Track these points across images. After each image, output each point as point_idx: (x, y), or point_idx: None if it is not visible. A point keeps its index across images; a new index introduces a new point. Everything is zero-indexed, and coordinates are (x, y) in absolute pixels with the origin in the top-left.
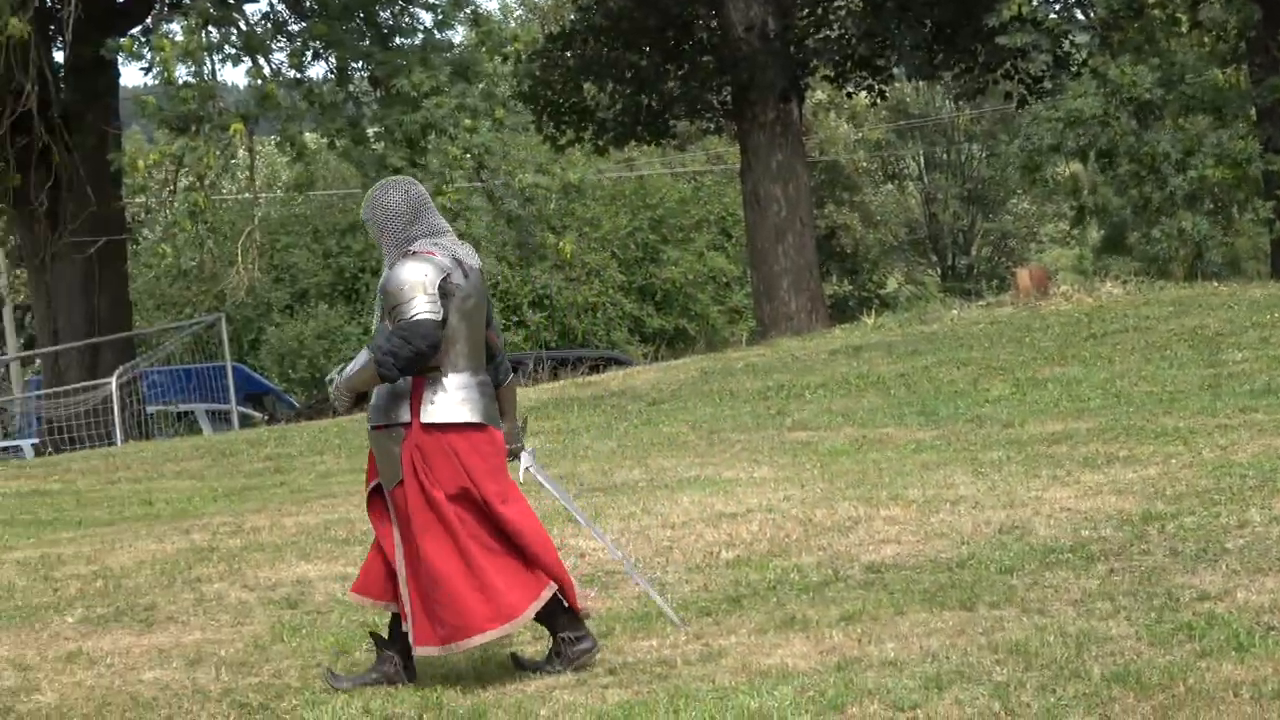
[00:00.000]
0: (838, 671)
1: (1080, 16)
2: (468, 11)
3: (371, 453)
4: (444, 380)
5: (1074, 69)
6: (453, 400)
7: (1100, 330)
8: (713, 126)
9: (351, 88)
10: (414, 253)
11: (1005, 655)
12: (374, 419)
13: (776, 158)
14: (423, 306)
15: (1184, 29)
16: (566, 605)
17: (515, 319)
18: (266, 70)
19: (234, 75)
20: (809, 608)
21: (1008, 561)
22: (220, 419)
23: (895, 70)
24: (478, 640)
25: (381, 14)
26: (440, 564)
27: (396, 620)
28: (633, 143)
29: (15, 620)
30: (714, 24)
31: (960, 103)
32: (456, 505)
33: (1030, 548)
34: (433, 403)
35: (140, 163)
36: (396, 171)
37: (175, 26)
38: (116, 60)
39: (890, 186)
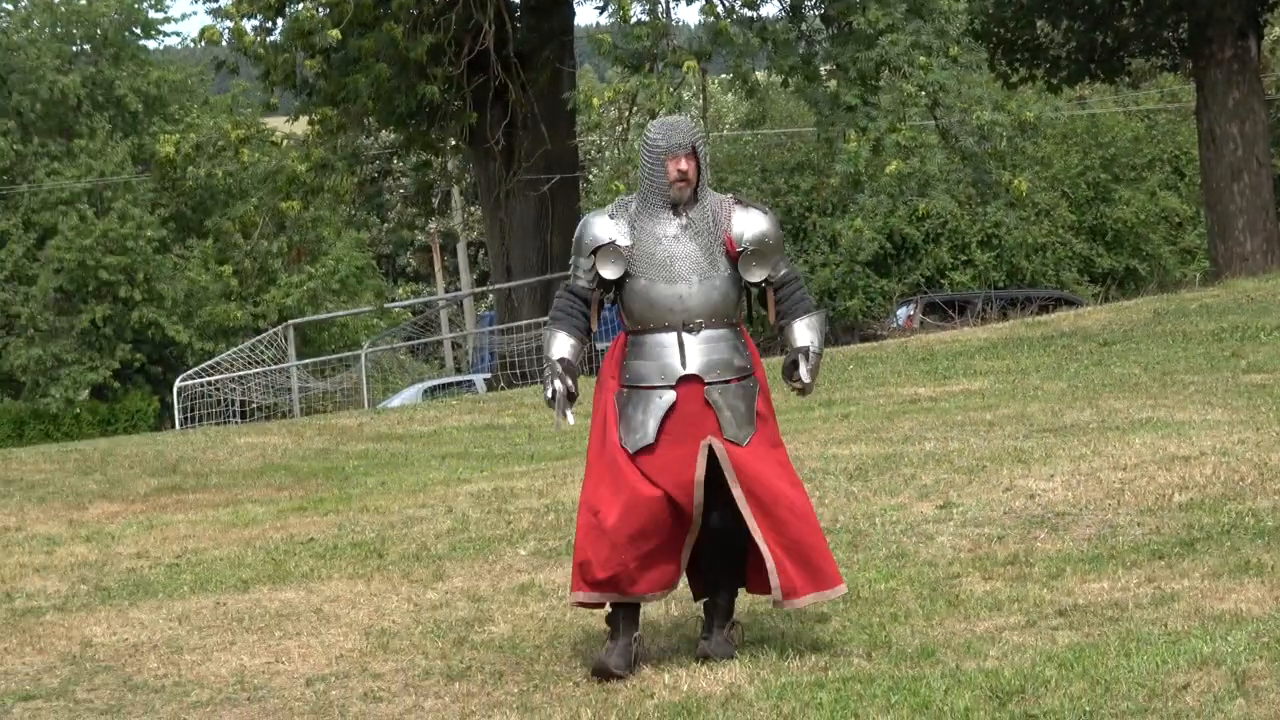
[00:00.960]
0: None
1: None
2: None
3: (681, 408)
4: None
5: None
6: None
7: None
8: (1168, 64)
9: (804, 25)
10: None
11: None
12: (729, 372)
13: (1233, 95)
14: None
15: None
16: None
17: (964, 258)
18: (720, 8)
19: (687, 14)
20: (1264, 552)
21: None
22: None
23: None
24: (839, 592)
25: None
26: (808, 506)
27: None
28: (1086, 80)
29: (469, 552)
30: None
31: None
32: None
33: None
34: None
35: (595, 100)
36: (850, 109)
37: None
38: None
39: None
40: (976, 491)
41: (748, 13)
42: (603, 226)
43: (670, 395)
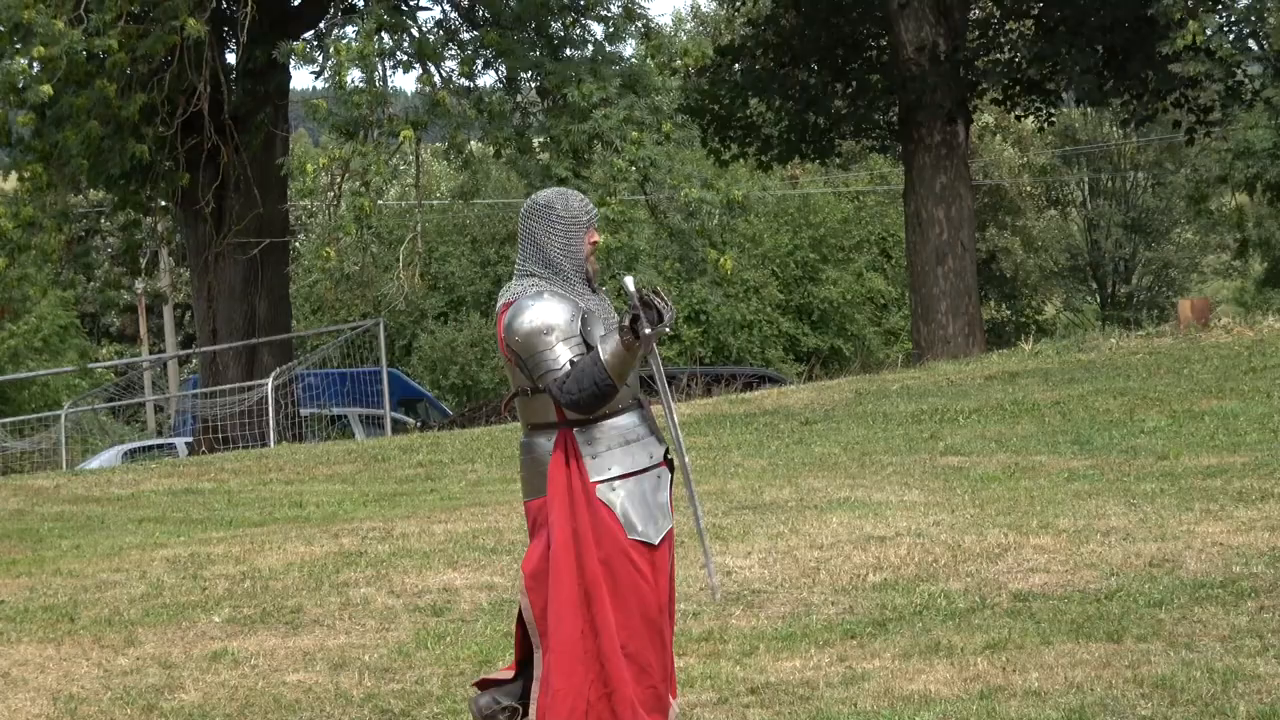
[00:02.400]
0: (980, 700)
1: (1254, 47)
2: (639, 25)
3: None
4: None
5: (1246, 100)
6: None
7: (1260, 364)
8: (878, 146)
9: (520, 97)
10: None
11: (1150, 689)
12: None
13: (941, 179)
14: None
15: None
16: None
17: (670, 333)
18: (437, 78)
19: (404, 82)
20: (954, 634)
21: (1157, 595)
22: (373, 424)
23: (1064, 95)
24: None
25: (553, 25)
26: None
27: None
28: (797, 160)
29: (163, 618)
30: (884, 43)
31: (1128, 130)
32: None
33: (1180, 582)
34: None
35: (310, 166)
36: (561, 182)
37: (349, 31)
38: (289, 63)
39: (1053, 212)
40: (679, 569)
41: (464, 83)
42: (563, 299)
43: (668, 474)
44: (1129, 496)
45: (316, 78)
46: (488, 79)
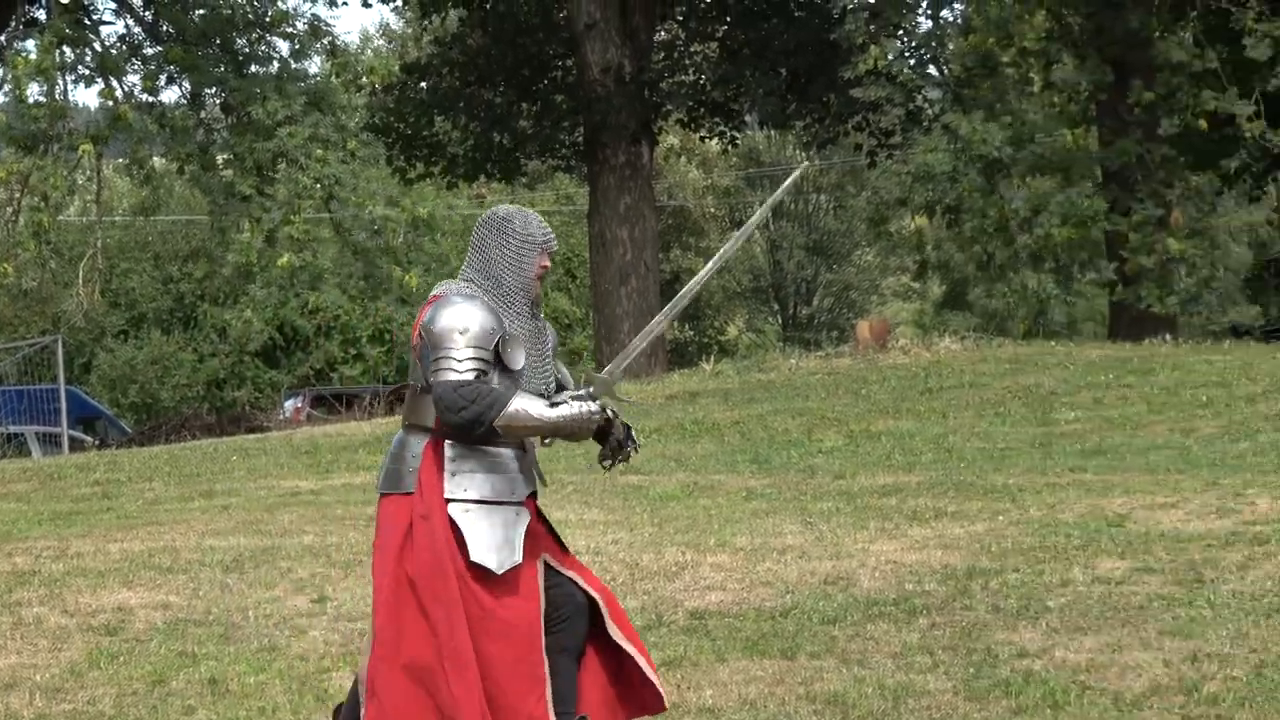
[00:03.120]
0: (654, 718)
1: (934, 72)
2: (325, 42)
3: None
4: None
5: (925, 124)
6: None
7: (936, 385)
8: (563, 166)
9: (204, 113)
10: None
11: (823, 706)
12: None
13: (625, 200)
14: None
15: (1036, 89)
16: None
17: (354, 352)
18: (119, 92)
19: (86, 96)
20: None
21: (831, 612)
22: (50, 442)
23: (747, 117)
24: None
25: (238, 41)
26: None
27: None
28: (483, 179)
29: None
30: (570, 64)
31: (810, 152)
32: None
33: (854, 599)
34: None
35: None
36: (244, 199)
37: (29, 44)
38: None
39: (736, 234)
40: (352, 586)
41: (147, 98)
42: (491, 311)
43: (527, 515)
44: (805, 515)
45: None
46: (171, 94)
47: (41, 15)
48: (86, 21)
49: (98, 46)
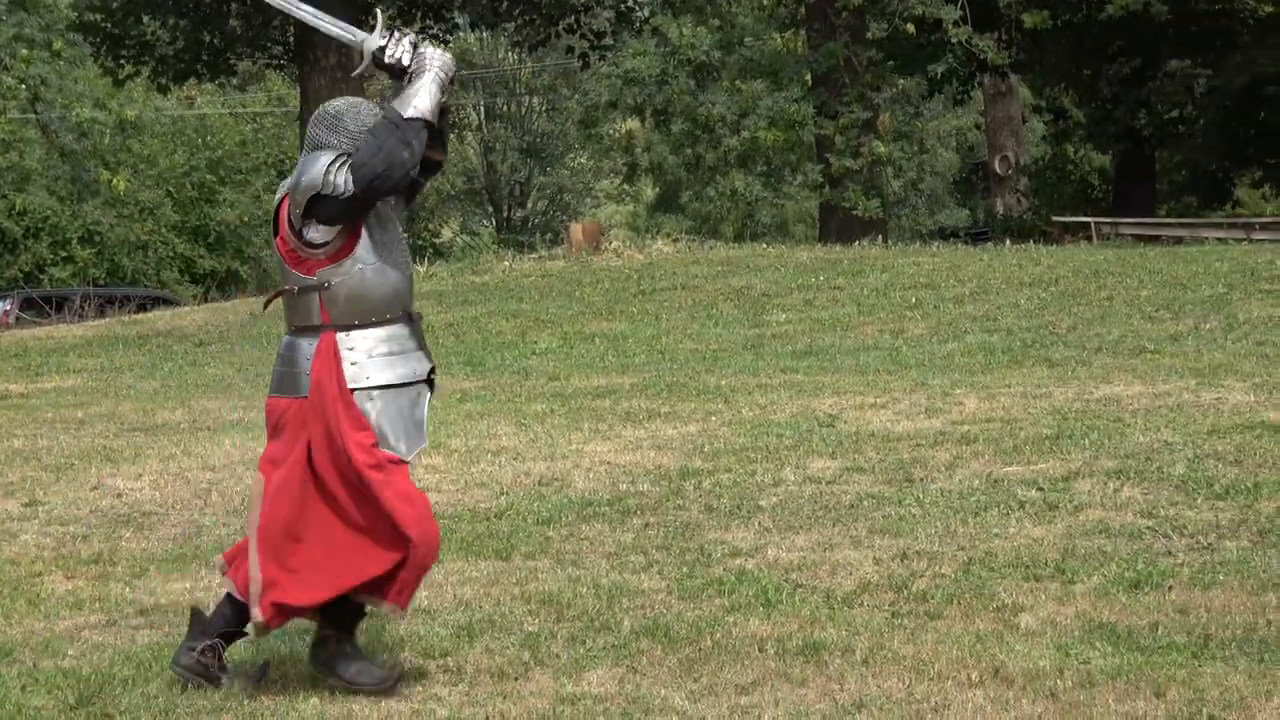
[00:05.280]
0: (371, 619)
1: None
2: None
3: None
4: None
5: (636, 26)
6: None
7: (649, 287)
8: (275, 65)
9: None
10: None
11: (538, 605)
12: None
13: None
14: None
15: None
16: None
17: (64, 254)
18: None
19: None
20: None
21: (545, 513)
22: None
23: (459, 19)
24: None
25: None
26: None
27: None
28: (194, 80)
29: None
30: None
31: (522, 54)
32: None
33: (568, 500)
34: None
35: None
36: None
37: None
38: None
39: (451, 136)
40: (63, 490)
41: None
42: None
43: (428, 392)
44: (520, 417)
45: None
46: None
47: None
48: None
49: None
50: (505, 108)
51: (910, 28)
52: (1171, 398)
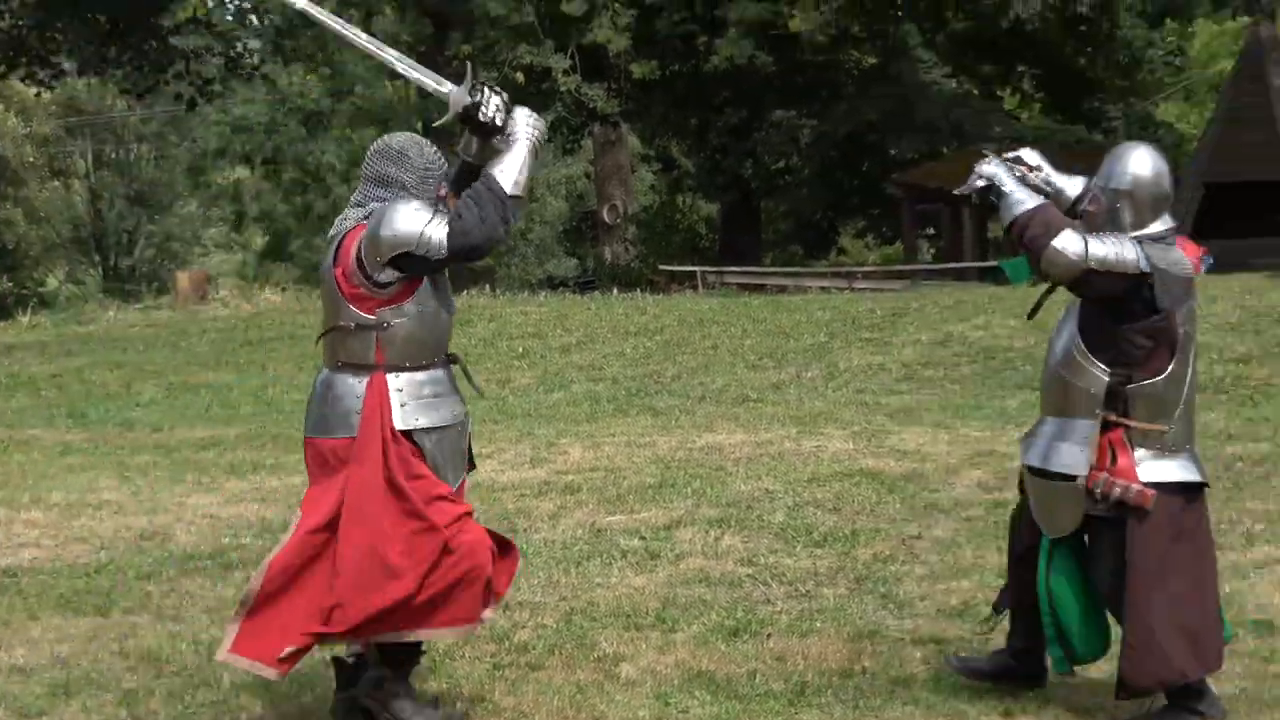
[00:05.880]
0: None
1: (254, 21)
2: None
3: None
4: None
5: (245, 73)
6: None
7: (256, 337)
8: None
9: None
10: None
11: (137, 662)
12: None
13: None
14: None
15: None
16: None
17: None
18: None
19: None
20: None
21: (146, 568)
22: None
23: (66, 65)
24: None
25: None
26: None
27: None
28: None
29: None
30: None
31: (131, 101)
32: None
33: (169, 554)
34: None
35: None
36: None
37: None
38: None
39: (56, 183)
40: None
41: None
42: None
43: (469, 424)
44: (123, 469)
45: None
46: None
47: None
48: None
49: None
50: (113, 155)
51: (520, 76)
52: (773, 446)
